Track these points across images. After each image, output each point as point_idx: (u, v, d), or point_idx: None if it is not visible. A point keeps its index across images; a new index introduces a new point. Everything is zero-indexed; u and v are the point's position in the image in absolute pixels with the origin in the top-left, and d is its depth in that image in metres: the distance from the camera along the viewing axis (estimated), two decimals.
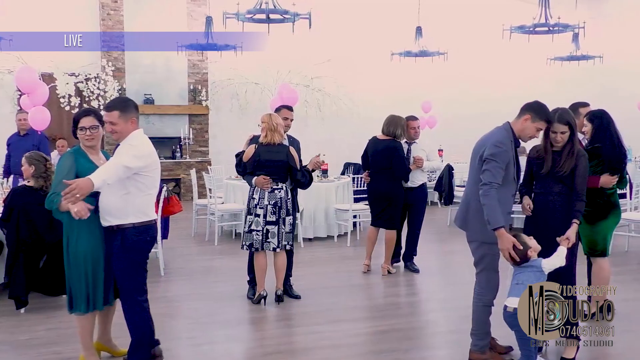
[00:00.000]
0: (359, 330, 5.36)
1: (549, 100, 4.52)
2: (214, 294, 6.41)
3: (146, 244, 4.15)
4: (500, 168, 4.17)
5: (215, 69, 13.54)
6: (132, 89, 13.05)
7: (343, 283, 6.83)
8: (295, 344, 5.15)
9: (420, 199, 7.27)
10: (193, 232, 9.46)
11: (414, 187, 7.15)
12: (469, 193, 4.44)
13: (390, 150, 6.83)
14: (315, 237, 9.04)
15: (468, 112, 14.48)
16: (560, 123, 4.26)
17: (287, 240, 5.92)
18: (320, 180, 9.36)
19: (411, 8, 12.69)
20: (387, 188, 6.92)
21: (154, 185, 4.16)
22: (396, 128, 6.87)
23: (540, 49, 12.19)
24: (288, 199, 5.88)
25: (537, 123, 4.27)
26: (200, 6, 13.05)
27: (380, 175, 6.94)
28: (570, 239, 4.17)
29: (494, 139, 4.28)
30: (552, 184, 4.37)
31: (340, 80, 14.03)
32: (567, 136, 4.29)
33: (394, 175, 6.87)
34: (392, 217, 7.00)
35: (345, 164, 13.20)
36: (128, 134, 4.08)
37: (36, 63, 10.68)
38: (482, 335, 4.48)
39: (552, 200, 4.37)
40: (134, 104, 4.23)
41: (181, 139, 13.33)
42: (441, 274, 7.35)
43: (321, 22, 10.36)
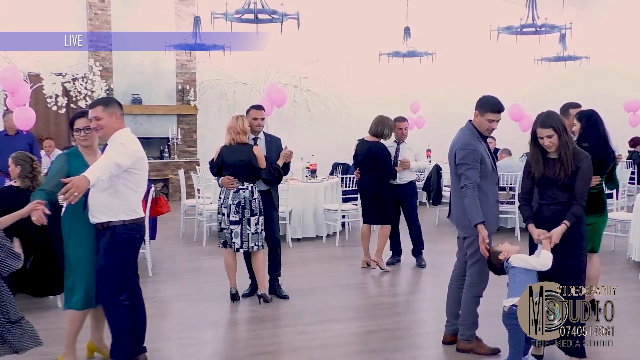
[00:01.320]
0: (347, 330, 5.37)
1: (537, 101, 4.58)
2: (203, 294, 6.40)
3: (135, 242, 4.17)
4: (473, 168, 4.42)
5: (204, 69, 13.51)
6: (120, 89, 12.98)
7: (332, 283, 6.83)
8: (284, 344, 5.15)
9: (409, 194, 7.52)
10: (181, 233, 9.43)
11: (403, 184, 7.37)
12: (456, 195, 4.63)
13: (374, 153, 7.00)
14: (304, 237, 9.04)
15: (456, 112, 14.31)
16: (543, 127, 4.18)
17: (253, 241, 5.84)
18: (309, 180, 9.37)
19: (399, 8, 12.72)
20: (374, 186, 7.11)
21: (142, 183, 4.18)
22: (384, 128, 7.00)
23: (527, 49, 12.26)
24: (253, 199, 5.83)
25: (486, 116, 4.52)
26: (189, 6, 13.01)
27: (368, 174, 7.13)
28: (552, 239, 4.10)
29: (460, 142, 4.53)
30: (557, 192, 4.22)
31: (328, 81, 14.04)
32: (555, 139, 4.13)
33: (380, 175, 7.03)
34: (382, 213, 7.14)
35: (334, 164, 13.20)
36: (114, 130, 4.08)
37: (23, 63, 10.61)
38: (469, 325, 4.70)
39: (559, 210, 4.20)
40: (116, 101, 4.27)
41: (169, 139, 13.29)
42: (430, 273, 7.37)
43: (310, 22, 10.36)
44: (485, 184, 4.49)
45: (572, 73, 13.67)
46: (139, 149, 4.17)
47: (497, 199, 4.70)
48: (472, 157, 4.42)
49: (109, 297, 4.11)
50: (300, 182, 9.30)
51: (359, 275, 7.30)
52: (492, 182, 4.61)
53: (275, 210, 6.22)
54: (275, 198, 6.20)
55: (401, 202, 7.46)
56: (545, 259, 4.07)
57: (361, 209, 7.47)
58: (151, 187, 7.10)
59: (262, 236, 5.92)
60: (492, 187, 4.58)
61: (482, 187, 4.45)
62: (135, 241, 4.16)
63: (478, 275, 4.61)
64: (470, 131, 4.57)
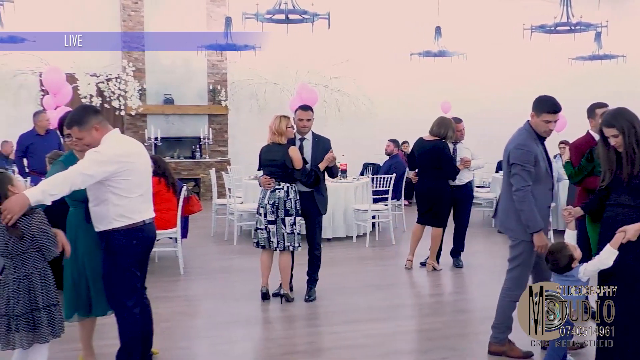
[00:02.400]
0: (377, 331, 5.34)
1: (571, 100, 4.49)
2: (233, 293, 6.44)
3: (133, 247, 3.89)
4: (526, 170, 4.29)
5: (235, 69, 13.60)
6: (152, 89, 13.16)
7: (361, 283, 6.82)
8: (314, 344, 5.15)
9: (467, 196, 7.50)
10: (212, 232, 9.50)
11: (461, 184, 7.35)
12: (506, 197, 4.52)
13: (437, 150, 6.98)
14: (334, 238, 9.03)
15: (487, 112, 14.37)
16: (607, 127, 3.91)
17: (289, 241, 5.84)
18: (339, 180, 9.36)
19: (430, 8, 12.64)
20: (434, 187, 7.12)
21: (134, 187, 3.86)
22: (447, 130, 7.03)
23: (561, 48, 12.07)
24: (289, 200, 5.80)
25: (542, 117, 4.37)
26: (220, 7, 13.11)
27: (427, 174, 7.13)
28: (627, 235, 3.68)
29: (514, 142, 4.40)
30: (622, 194, 3.87)
31: (359, 81, 14.02)
32: (620, 140, 3.84)
33: (443, 174, 7.04)
34: (438, 215, 7.15)
35: (364, 164, 13.19)
36: (99, 141, 3.79)
37: (59, 63, 10.81)
38: (503, 328, 4.64)
39: (621, 212, 3.87)
40: (91, 109, 3.93)
41: (201, 139, 13.42)
42: (464, 274, 7.29)
43: (340, 22, 10.38)
44: (537, 188, 4.34)
45: (607, 72, 13.42)
46: (122, 152, 3.80)
47: (549, 204, 4.53)
48: (525, 158, 4.30)
49: (115, 302, 3.98)
50: (331, 182, 9.27)
51: (389, 276, 7.26)
52: (546, 186, 4.44)
53: (318, 213, 6.03)
54: (319, 200, 6.00)
55: (457, 204, 7.38)
56: (608, 257, 3.74)
57: (417, 209, 7.39)
58: (183, 187, 7.18)
59: (298, 237, 5.91)
60: (543, 192, 4.42)
61: (532, 191, 4.32)
62: (132, 247, 3.88)
63: (517, 280, 4.51)
64: (527, 132, 4.43)
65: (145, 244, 4.00)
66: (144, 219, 3.94)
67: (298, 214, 5.88)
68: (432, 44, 12.18)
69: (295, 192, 5.86)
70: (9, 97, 12.31)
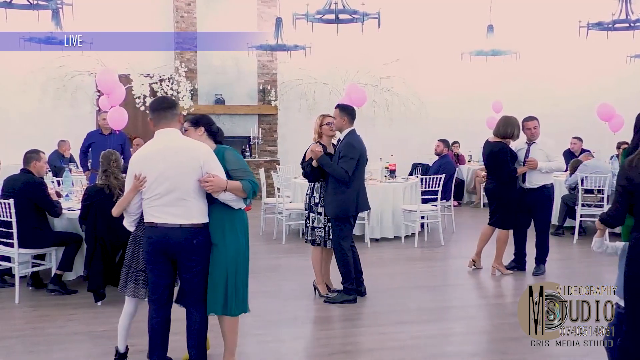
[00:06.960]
0: (424, 333, 5.30)
1: (630, 100, 4.33)
2: (281, 292, 6.48)
3: (147, 240, 4.12)
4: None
5: (285, 70, 13.68)
6: (204, 90, 13.37)
7: (409, 284, 6.78)
8: (360, 344, 5.15)
9: (541, 200, 7.04)
10: (261, 231, 9.58)
11: (533, 188, 6.98)
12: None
13: (493, 154, 6.88)
14: (382, 238, 8.99)
15: (540, 112, 13.90)
16: None
17: (312, 236, 6.09)
18: (388, 180, 9.32)
19: (482, 5, 12.43)
20: (495, 189, 7.04)
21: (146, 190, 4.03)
22: (513, 129, 6.84)
23: (619, 46, 11.70)
24: (313, 197, 6.06)
25: None
26: (270, 7, 13.22)
27: (491, 176, 7.11)
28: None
29: None
30: None
31: (408, 80, 13.90)
32: None
33: (504, 176, 6.90)
34: (502, 217, 7.04)
35: (413, 164, 13.09)
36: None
37: (114, 64, 11.08)
38: None
39: None
40: (170, 103, 4.30)
41: (250, 139, 13.55)
42: (523, 279, 7.08)
43: (390, 22, 10.30)
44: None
45: None
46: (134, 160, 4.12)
47: None
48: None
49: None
50: (379, 182, 9.26)
51: (437, 277, 7.19)
52: None
53: (330, 213, 5.90)
54: (327, 201, 5.90)
55: (531, 209, 7.08)
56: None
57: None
58: None
59: (320, 233, 6.02)
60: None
61: None
62: (147, 240, 4.11)
63: None
64: None
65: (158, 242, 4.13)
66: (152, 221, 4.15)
67: (319, 212, 6.02)
68: (484, 43, 11.97)
69: (319, 191, 6.03)
70: (67, 98, 12.68)
